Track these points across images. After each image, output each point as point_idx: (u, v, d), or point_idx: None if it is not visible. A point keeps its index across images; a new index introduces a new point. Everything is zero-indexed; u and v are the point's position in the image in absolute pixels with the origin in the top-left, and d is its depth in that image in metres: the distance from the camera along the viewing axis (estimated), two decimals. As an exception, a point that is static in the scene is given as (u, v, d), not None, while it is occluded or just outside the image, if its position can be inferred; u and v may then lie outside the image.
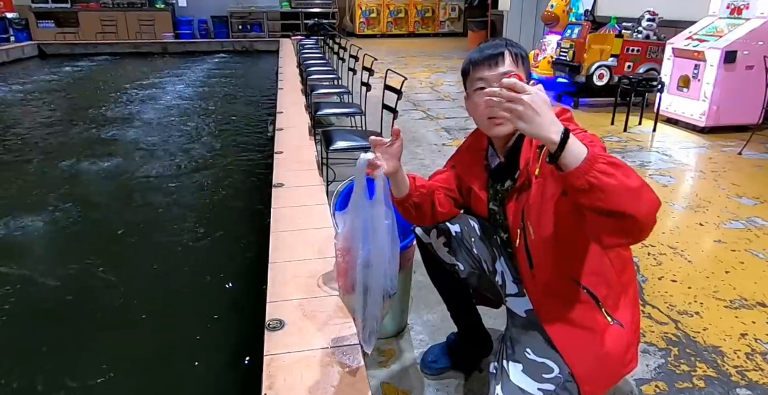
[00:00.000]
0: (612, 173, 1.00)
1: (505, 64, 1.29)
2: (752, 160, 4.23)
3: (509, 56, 1.30)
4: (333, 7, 14.22)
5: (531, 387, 1.22)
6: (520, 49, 1.33)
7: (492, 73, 1.29)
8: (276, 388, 1.47)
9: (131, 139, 5.38)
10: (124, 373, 2.10)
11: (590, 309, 1.29)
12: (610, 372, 1.31)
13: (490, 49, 1.31)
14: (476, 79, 1.32)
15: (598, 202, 1.00)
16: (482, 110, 1.30)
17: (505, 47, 1.31)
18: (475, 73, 1.32)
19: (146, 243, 3.19)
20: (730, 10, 5.01)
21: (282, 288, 1.97)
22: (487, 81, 1.29)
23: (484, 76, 1.30)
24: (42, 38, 12.14)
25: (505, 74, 1.25)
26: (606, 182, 0.99)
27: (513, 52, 1.31)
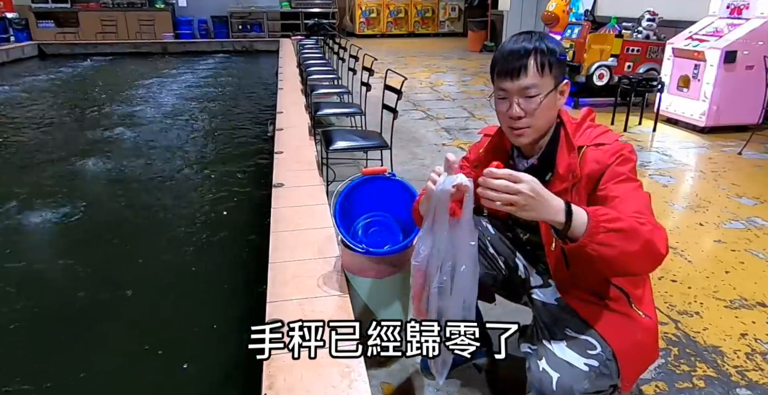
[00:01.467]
0: (611, 244, 1.03)
1: (528, 75, 1.23)
2: (752, 160, 4.23)
3: (533, 67, 1.23)
4: (333, 7, 14.22)
5: (578, 361, 1.22)
6: (549, 55, 1.24)
7: (513, 86, 1.24)
8: (276, 388, 1.47)
9: (131, 139, 5.38)
10: (123, 371, 2.10)
11: (623, 305, 1.31)
12: (644, 359, 1.34)
13: (515, 59, 1.24)
14: (498, 88, 1.28)
15: (603, 268, 1.09)
16: (504, 118, 1.29)
17: (530, 56, 1.23)
18: (498, 80, 1.28)
19: (146, 242, 3.19)
20: (730, 10, 5.01)
21: (282, 288, 1.97)
22: (508, 93, 1.26)
23: (505, 87, 1.26)
24: (42, 38, 12.13)
25: (526, 88, 1.23)
26: (605, 253, 1.03)
27: (539, 61, 1.23)
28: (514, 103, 1.25)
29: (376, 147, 3.32)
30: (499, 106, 1.30)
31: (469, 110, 6.04)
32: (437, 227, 1.22)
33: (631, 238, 1.04)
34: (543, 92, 1.24)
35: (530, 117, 1.25)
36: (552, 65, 1.24)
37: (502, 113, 1.30)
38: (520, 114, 1.25)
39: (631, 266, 1.08)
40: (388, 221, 2.08)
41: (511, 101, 1.25)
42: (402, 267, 1.93)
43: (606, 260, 1.05)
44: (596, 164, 1.24)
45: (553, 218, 1.04)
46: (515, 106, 1.25)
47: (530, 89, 1.23)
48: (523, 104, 1.24)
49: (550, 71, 1.24)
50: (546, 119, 1.28)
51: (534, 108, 1.24)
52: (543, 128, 1.30)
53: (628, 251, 1.04)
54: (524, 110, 1.24)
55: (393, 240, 2.02)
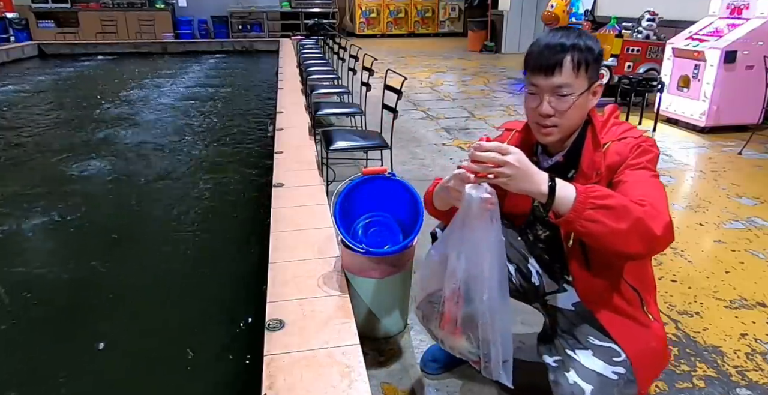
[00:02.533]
0: (599, 219, 1.04)
1: (563, 74, 1.18)
2: (752, 160, 4.23)
3: (569, 64, 1.18)
4: (333, 7, 14.22)
5: (606, 370, 1.21)
6: (587, 52, 1.20)
7: (545, 83, 1.20)
8: (276, 388, 1.47)
9: (131, 139, 5.38)
10: (123, 373, 2.10)
11: (637, 307, 1.31)
12: (657, 365, 1.33)
13: (550, 55, 1.19)
14: (530, 83, 1.24)
15: (593, 243, 1.11)
16: (533, 114, 1.26)
17: (568, 52, 1.18)
18: (531, 75, 1.23)
19: (146, 242, 3.19)
20: (730, 10, 5.01)
21: (282, 288, 1.97)
22: (540, 89, 1.22)
23: (537, 83, 1.22)
24: (42, 38, 12.13)
25: (559, 87, 1.19)
26: (593, 229, 1.04)
27: (576, 58, 1.18)
28: (545, 100, 1.21)
29: (376, 147, 3.32)
30: (529, 101, 1.26)
31: (469, 110, 6.04)
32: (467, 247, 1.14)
33: (620, 216, 1.04)
34: (576, 92, 1.20)
35: (560, 117, 1.22)
36: (588, 65, 1.20)
37: (531, 109, 1.25)
38: (550, 112, 1.21)
39: (620, 245, 1.07)
40: (388, 221, 2.08)
41: (542, 97, 1.21)
42: (402, 267, 1.93)
43: (595, 236, 1.06)
44: (617, 156, 1.22)
45: (537, 189, 1.05)
46: (545, 104, 1.21)
47: (563, 88, 1.19)
48: (554, 103, 1.21)
49: (585, 71, 1.20)
50: (575, 120, 1.25)
51: (565, 108, 1.20)
52: (571, 129, 1.27)
53: (616, 228, 1.04)
54: (554, 109, 1.21)
55: (393, 240, 2.02)
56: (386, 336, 2.01)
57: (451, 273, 1.16)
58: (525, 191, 1.07)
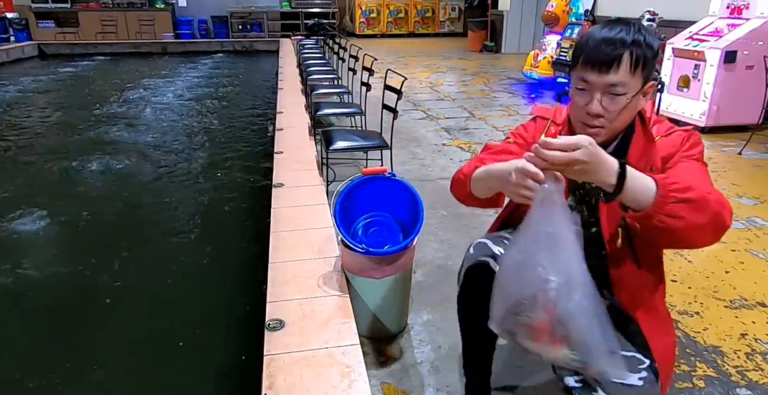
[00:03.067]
0: (680, 215, 0.96)
1: (619, 71, 1.08)
2: (752, 160, 4.23)
3: (627, 61, 1.08)
4: (333, 7, 14.22)
5: (632, 379, 1.16)
6: (647, 48, 1.09)
7: (599, 80, 1.10)
8: (276, 388, 1.47)
9: (131, 139, 5.38)
10: (123, 373, 2.10)
11: (663, 299, 1.30)
12: (674, 358, 1.33)
13: (609, 49, 1.08)
14: (580, 78, 1.13)
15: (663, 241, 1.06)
16: (579, 112, 1.16)
17: (627, 47, 1.08)
18: (583, 71, 1.12)
19: (147, 242, 3.19)
20: (730, 10, 5.01)
21: (282, 288, 1.97)
22: (591, 86, 1.11)
23: (589, 79, 1.11)
24: (42, 38, 12.13)
25: (613, 86, 1.09)
26: (672, 224, 0.97)
27: (635, 55, 1.08)
28: (596, 98, 1.11)
29: (376, 147, 3.32)
30: (577, 97, 1.15)
31: (469, 110, 6.04)
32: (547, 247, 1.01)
33: (700, 209, 0.98)
34: (630, 92, 1.10)
35: (609, 117, 1.12)
36: (647, 63, 1.10)
37: (578, 107, 1.16)
38: (600, 112, 1.12)
39: (695, 240, 1.02)
40: (388, 221, 2.08)
41: (593, 95, 1.11)
42: (402, 267, 1.93)
43: (671, 232, 0.98)
44: (671, 148, 1.18)
45: (604, 179, 0.96)
46: (596, 102, 1.11)
47: (617, 87, 1.09)
48: (606, 102, 1.11)
49: (642, 70, 1.10)
50: (625, 122, 1.17)
51: (617, 109, 1.11)
52: (619, 129, 1.18)
53: (696, 223, 0.98)
54: (605, 109, 1.11)
55: (393, 240, 2.02)
56: (386, 336, 2.01)
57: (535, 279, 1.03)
58: (591, 181, 0.99)
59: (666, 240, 1.05)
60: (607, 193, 0.99)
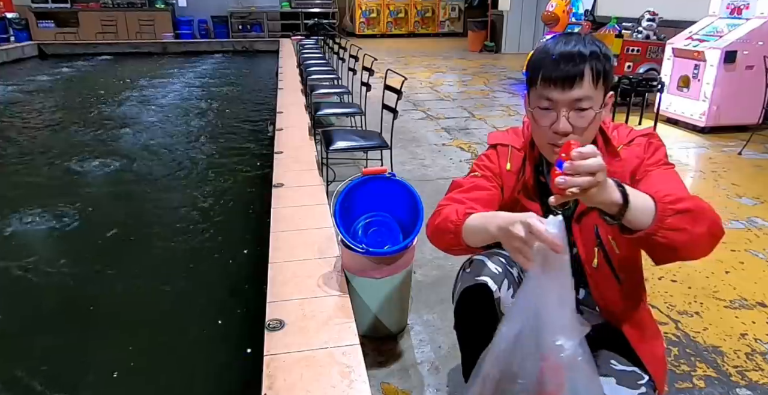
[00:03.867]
0: (682, 227, 0.93)
1: (583, 85, 1.05)
2: (752, 160, 4.23)
3: (589, 75, 1.05)
4: (333, 7, 14.22)
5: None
6: (604, 61, 1.07)
7: (564, 97, 1.06)
8: (276, 388, 1.47)
9: (131, 139, 5.38)
10: (124, 373, 2.10)
11: (646, 308, 1.29)
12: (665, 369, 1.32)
13: (569, 65, 1.05)
14: (543, 98, 1.09)
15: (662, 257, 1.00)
16: (544, 133, 1.11)
17: (587, 62, 1.05)
18: (544, 89, 1.08)
19: (147, 242, 3.19)
20: (730, 10, 5.01)
21: (282, 288, 1.97)
22: (556, 104, 1.07)
23: (553, 97, 1.07)
24: (42, 38, 12.13)
25: (578, 101, 1.05)
26: (676, 238, 0.93)
27: (596, 69, 1.05)
28: (562, 116, 1.06)
29: (376, 147, 3.32)
30: (541, 119, 1.10)
31: (469, 110, 6.04)
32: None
33: (699, 219, 0.95)
34: (596, 106, 1.07)
35: (578, 134, 1.08)
36: (607, 75, 1.08)
37: (542, 128, 1.11)
38: (569, 129, 1.07)
39: (696, 251, 0.99)
40: (388, 221, 2.08)
41: (559, 113, 1.07)
42: (402, 267, 1.93)
43: (674, 247, 0.95)
44: (636, 160, 1.15)
45: (611, 198, 0.89)
46: (563, 120, 1.06)
47: (583, 101, 1.06)
48: (573, 119, 1.07)
49: (604, 82, 1.08)
50: (592, 135, 1.13)
51: (585, 125, 1.07)
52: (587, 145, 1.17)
53: (697, 233, 0.95)
54: (573, 126, 1.07)
55: (393, 240, 2.02)
56: (386, 336, 2.01)
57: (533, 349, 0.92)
58: (600, 202, 0.91)
59: (668, 255, 1.01)
60: (611, 215, 0.93)
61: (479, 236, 1.06)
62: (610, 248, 1.16)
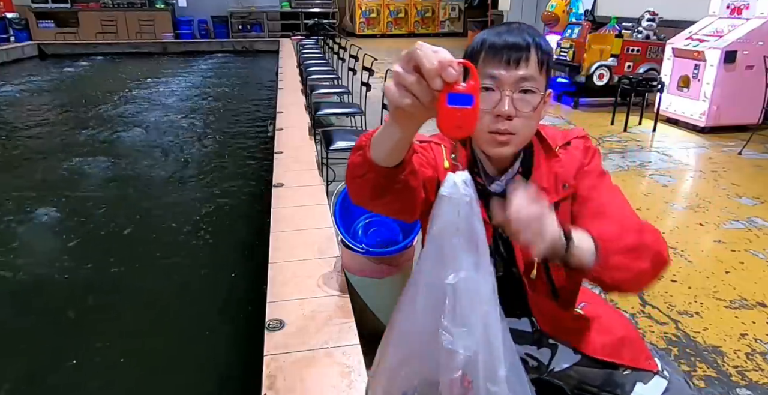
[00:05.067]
0: (625, 265, 0.90)
1: (529, 65, 0.95)
2: (752, 160, 4.23)
3: (535, 56, 0.96)
4: (333, 7, 14.22)
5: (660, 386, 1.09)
6: (547, 46, 0.99)
7: (509, 75, 0.95)
8: (276, 388, 1.47)
9: (132, 139, 5.38)
10: (124, 372, 2.10)
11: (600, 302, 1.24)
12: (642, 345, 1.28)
13: (514, 37, 0.96)
14: (485, 75, 0.96)
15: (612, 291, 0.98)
16: (485, 120, 0.97)
17: (532, 41, 0.96)
18: (486, 66, 0.96)
19: (148, 242, 3.19)
20: (730, 10, 5.01)
21: (282, 288, 1.97)
22: (500, 83, 0.95)
23: (496, 74, 0.95)
24: (42, 38, 12.13)
25: (524, 79, 0.95)
26: (621, 277, 0.91)
27: (542, 49, 0.97)
28: (506, 96, 0.95)
29: (376, 147, 3.31)
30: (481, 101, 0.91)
31: (469, 110, 6.02)
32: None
33: (641, 254, 0.93)
34: (540, 92, 0.98)
35: (522, 122, 0.97)
36: (549, 65, 1.00)
37: (482, 113, 0.95)
38: (512, 113, 0.95)
39: (640, 285, 0.97)
40: (388, 221, 2.08)
41: (503, 93, 0.95)
42: (402, 267, 1.93)
43: (622, 286, 0.94)
44: (575, 162, 1.07)
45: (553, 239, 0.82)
46: (507, 100, 0.95)
47: (529, 82, 0.96)
48: (518, 102, 0.96)
49: (546, 73, 1.00)
50: (533, 129, 1.02)
51: (529, 110, 0.97)
52: (527, 141, 1.03)
53: (642, 269, 0.92)
54: (517, 109, 0.96)
55: (393, 240, 2.02)
56: (386, 336, 2.01)
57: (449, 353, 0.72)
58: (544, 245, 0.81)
59: (610, 291, 0.98)
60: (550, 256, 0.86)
61: (383, 136, 0.79)
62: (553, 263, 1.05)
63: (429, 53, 0.62)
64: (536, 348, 1.14)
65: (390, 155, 0.81)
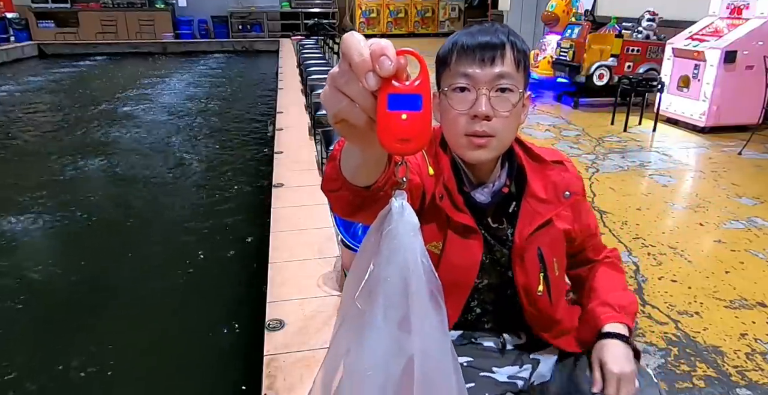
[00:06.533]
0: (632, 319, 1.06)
1: (505, 62, 0.90)
2: (752, 160, 4.23)
3: (511, 53, 0.91)
4: (333, 7, 14.22)
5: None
6: (523, 45, 0.94)
7: (484, 73, 0.89)
8: (276, 388, 1.47)
9: (132, 139, 5.38)
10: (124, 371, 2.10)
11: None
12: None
13: (488, 36, 0.91)
14: (459, 74, 0.91)
15: None
16: (458, 123, 0.91)
17: (507, 38, 0.92)
18: (459, 65, 0.91)
19: (147, 242, 3.19)
20: (730, 10, 5.01)
21: (282, 288, 1.97)
22: (475, 81, 0.90)
23: (471, 73, 0.90)
24: (42, 38, 12.14)
25: (501, 76, 0.90)
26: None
27: (517, 47, 0.92)
28: (482, 95, 0.89)
29: (376, 147, 3.31)
30: (456, 102, 0.91)
31: (469, 110, 6.03)
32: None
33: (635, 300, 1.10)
34: (519, 90, 0.92)
35: (501, 122, 0.91)
36: (527, 65, 0.95)
37: (457, 117, 0.91)
38: (489, 113, 0.89)
39: None
40: (388, 221, 2.07)
41: (479, 92, 0.89)
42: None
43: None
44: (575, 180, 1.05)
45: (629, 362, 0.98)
46: (484, 99, 0.89)
47: (506, 79, 0.90)
48: (495, 101, 0.90)
49: (524, 70, 0.94)
50: (513, 132, 0.96)
51: (508, 109, 0.90)
52: (507, 144, 0.96)
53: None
54: (494, 109, 0.89)
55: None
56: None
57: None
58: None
59: None
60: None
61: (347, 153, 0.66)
62: (552, 270, 1.03)
63: (356, 43, 0.45)
64: (518, 367, 1.11)
65: (358, 175, 0.67)
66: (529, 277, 1.02)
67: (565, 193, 1.02)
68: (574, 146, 4.56)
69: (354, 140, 0.54)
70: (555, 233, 1.02)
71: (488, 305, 1.11)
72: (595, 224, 1.15)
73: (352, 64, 0.45)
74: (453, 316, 1.04)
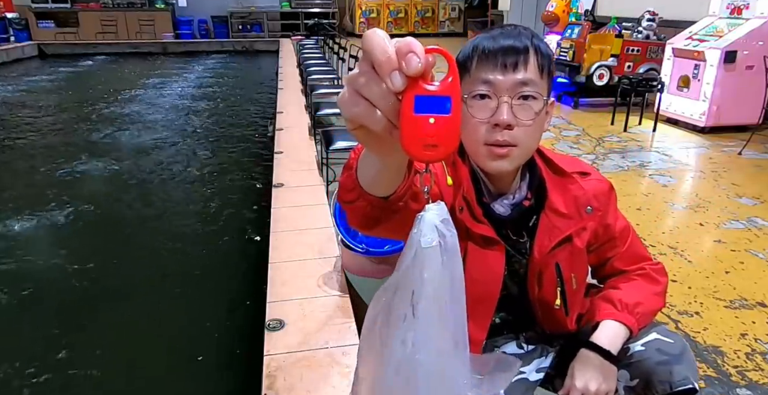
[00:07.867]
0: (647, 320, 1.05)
1: (528, 68, 0.86)
2: (752, 160, 4.23)
3: (534, 58, 0.86)
4: (333, 7, 14.22)
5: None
6: (547, 49, 0.90)
7: (506, 79, 0.85)
8: (276, 388, 1.47)
9: (132, 139, 5.38)
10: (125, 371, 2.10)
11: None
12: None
13: (510, 40, 0.87)
14: (480, 81, 0.86)
15: None
16: (480, 132, 0.87)
17: (530, 42, 0.87)
18: (480, 70, 0.86)
19: (146, 242, 3.19)
20: (730, 10, 5.01)
21: (282, 288, 1.97)
22: (497, 88, 0.85)
23: (492, 79, 0.85)
24: (42, 38, 12.13)
25: (524, 84, 0.85)
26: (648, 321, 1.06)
27: (541, 52, 0.88)
28: (504, 103, 0.85)
29: (376, 147, 3.31)
30: (476, 110, 0.86)
31: (469, 110, 6.02)
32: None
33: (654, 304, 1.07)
34: (544, 96, 0.88)
35: (523, 131, 0.87)
36: (551, 70, 0.90)
37: (477, 126, 0.87)
38: (512, 121, 0.85)
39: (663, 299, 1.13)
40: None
41: (500, 100, 0.85)
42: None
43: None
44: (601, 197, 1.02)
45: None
46: (506, 107, 0.85)
47: (529, 86, 0.86)
48: (518, 109, 0.86)
49: (548, 76, 0.90)
50: (536, 142, 0.91)
51: (531, 118, 0.86)
52: (530, 154, 0.93)
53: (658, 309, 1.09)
54: (517, 117, 0.86)
55: (393, 240, 2.02)
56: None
57: None
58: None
59: None
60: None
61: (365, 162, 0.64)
62: (569, 284, 1.03)
63: (380, 40, 0.42)
64: (543, 357, 1.15)
65: (377, 185, 0.64)
66: (547, 291, 1.02)
67: (587, 208, 1.00)
68: (574, 146, 4.56)
69: (373, 147, 0.51)
70: (574, 249, 1.01)
71: (508, 315, 1.11)
72: (625, 234, 1.08)
73: (375, 62, 0.42)
74: (479, 334, 1.00)
